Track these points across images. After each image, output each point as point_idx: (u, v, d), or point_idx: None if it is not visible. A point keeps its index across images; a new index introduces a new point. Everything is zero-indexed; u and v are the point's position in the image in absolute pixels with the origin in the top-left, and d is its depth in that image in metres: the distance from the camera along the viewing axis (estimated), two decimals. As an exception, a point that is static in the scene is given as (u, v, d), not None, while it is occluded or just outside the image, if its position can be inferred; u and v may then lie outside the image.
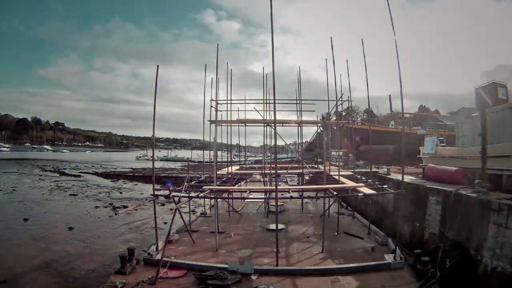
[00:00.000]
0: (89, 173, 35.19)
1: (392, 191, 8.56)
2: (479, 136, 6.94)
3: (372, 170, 11.18)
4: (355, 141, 13.63)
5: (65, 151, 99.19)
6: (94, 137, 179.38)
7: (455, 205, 6.12)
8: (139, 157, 75.56)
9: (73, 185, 25.03)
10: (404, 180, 7.02)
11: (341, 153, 15.82)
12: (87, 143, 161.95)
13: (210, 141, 10.02)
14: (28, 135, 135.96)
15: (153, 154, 8.38)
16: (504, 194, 6.01)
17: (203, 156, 11.52)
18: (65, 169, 39.48)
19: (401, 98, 6.21)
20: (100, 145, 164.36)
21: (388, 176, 10.42)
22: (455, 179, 7.97)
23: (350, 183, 8.34)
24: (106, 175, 32.85)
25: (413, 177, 9.88)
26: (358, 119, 46.37)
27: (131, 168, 41.92)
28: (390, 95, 37.27)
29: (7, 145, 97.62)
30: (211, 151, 10.71)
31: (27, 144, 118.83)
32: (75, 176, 31.85)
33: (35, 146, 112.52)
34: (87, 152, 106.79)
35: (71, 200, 19.19)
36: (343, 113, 12.72)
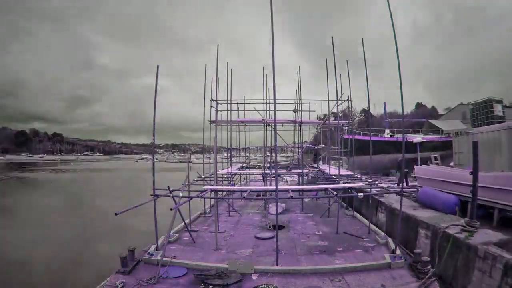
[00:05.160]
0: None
1: (392, 191, 8.57)
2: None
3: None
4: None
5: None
6: (93, 146, 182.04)
7: (443, 243, 6.22)
8: (139, 159, 76.14)
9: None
10: (397, 204, 6.92)
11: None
12: (86, 152, 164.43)
13: (210, 143, 10.01)
14: (27, 147, 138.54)
15: (153, 153, 8.37)
16: (493, 232, 6.10)
17: (203, 157, 11.52)
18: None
19: (401, 104, 6.09)
20: (98, 154, 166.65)
21: (381, 200, 10.23)
22: (446, 207, 8.06)
23: (349, 183, 8.34)
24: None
25: (406, 199, 9.67)
26: (355, 119, 46.04)
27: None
28: (385, 103, 37.09)
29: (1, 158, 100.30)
30: (211, 153, 10.71)
31: (23, 154, 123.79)
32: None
33: (30, 155, 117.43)
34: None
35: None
36: (340, 114, 12.58)
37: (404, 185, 11.45)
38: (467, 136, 12.93)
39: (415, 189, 10.52)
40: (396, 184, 11.90)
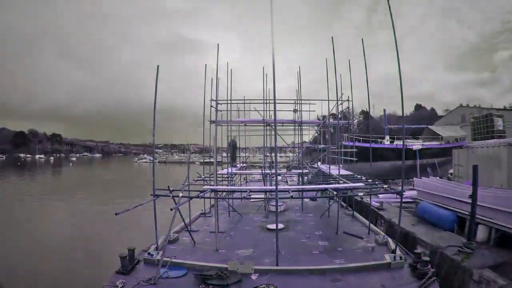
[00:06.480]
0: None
1: (392, 191, 8.58)
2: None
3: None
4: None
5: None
6: (92, 146, 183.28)
7: (440, 263, 6.37)
8: (138, 160, 76.49)
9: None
10: (396, 219, 7.06)
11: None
12: (85, 153, 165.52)
13: (210, 142, 9.99)
14: (26, 148, 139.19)
15: (153, 154, 8.37)
16: (490, 253, 6.24)
17: (203, 157, 11.53)
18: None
19: (402, 111, 6.07)
20: (97, 155, 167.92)
21: (381, 212, 10.18)
22: (445, 223, 8.25)
23: (350, 183, 8.34)
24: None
25: (405, 213, 9.77)
26: (355, 121, 46.11)
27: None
28: (384, 110, 37.26)
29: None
30: (211, 153, 10.71)
31: (21, 154, 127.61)
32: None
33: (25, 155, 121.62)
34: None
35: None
36: (339, 116, 12.58)
37: (406, 194, 11.54)
38: (467, 150, 13.11)
39: (414, 201, 10.57)
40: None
